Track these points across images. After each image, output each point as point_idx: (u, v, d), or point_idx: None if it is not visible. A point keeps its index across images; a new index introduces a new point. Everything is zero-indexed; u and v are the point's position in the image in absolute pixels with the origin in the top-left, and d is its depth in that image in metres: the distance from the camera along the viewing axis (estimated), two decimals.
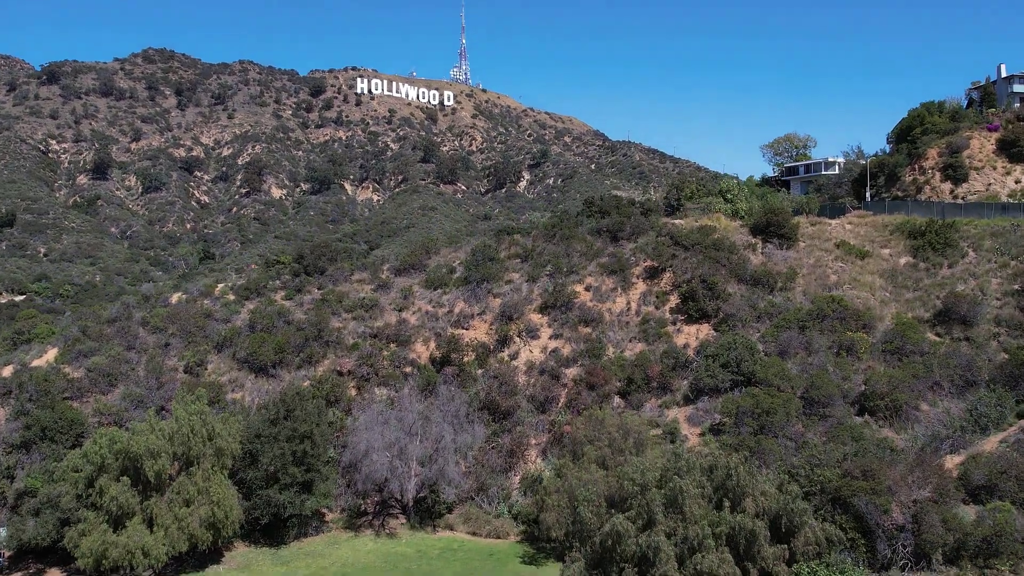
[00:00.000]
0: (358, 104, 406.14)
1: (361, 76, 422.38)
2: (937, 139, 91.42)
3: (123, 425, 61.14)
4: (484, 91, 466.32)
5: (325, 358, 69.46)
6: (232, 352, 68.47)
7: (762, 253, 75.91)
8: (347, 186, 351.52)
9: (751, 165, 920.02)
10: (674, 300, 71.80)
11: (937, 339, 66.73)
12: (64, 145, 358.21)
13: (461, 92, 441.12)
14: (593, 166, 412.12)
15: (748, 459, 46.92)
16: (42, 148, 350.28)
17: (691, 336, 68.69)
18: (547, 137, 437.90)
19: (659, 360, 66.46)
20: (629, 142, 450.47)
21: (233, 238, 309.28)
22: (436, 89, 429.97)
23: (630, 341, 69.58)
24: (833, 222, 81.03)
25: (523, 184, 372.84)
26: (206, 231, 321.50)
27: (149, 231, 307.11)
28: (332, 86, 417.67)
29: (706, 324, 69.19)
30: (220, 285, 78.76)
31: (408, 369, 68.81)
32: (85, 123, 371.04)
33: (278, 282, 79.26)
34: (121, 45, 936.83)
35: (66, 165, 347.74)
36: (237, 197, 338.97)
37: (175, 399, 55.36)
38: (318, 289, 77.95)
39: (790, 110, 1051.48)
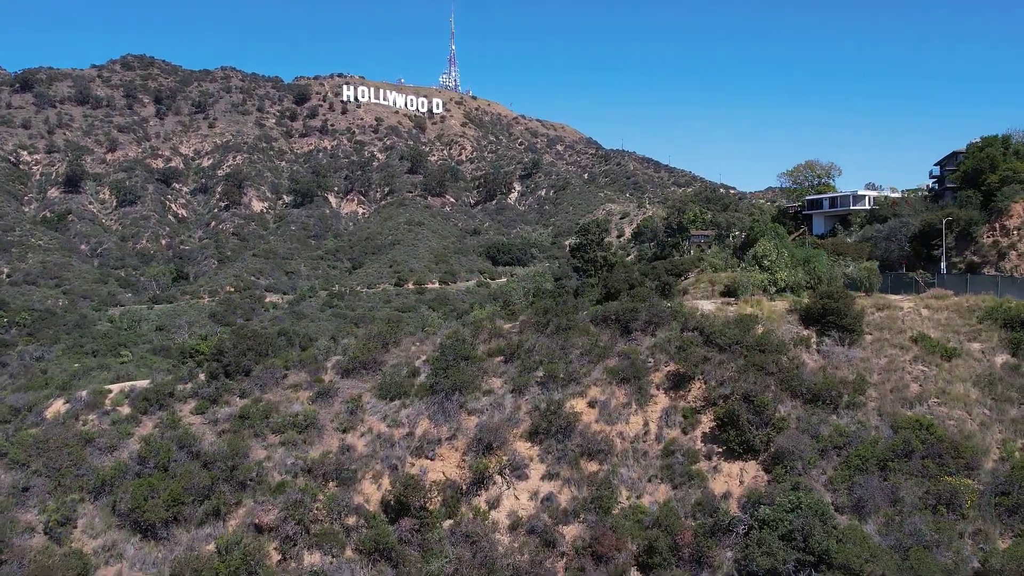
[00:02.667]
0: (344, 112, 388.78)
1: (347, 83, 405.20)
2: (1021, 190, 73.92)
3: None
4: (474, 98, 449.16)
5: (240, 506, 51.55)
6: (112, 502, 50.69)
7: (818, 351, 58.25)
8: (331, 198, 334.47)
9: (750, 170, 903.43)
10: (707, 422, 53.98)
11: None
12: (36, 156, 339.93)
13: (450, 99, 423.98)
14: (586, 175, 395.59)
15: None
16: (12, 159, 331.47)
17: (732, 478, 50.89)
18: (539, 145, 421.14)
19: (691, 514, 49.02)
20: (623, 151, 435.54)
21: (210, 255, 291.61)
22: (425, 96, 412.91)
23: (650, 481, 51.86)
24: (905, 305, 63.14)
25: (514, 196, 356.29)
26: (182, 247, 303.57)
27: (121, 248, 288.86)
28: (317, 93, 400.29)
29: (753, 461, 51.31)
30: (114, 391, 60.75)
31: (351, 520, 51.00)
32: (59, 133, 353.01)
33: (190, 385, 61.28)
34: (100, 51, 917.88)
35: (38, 177, 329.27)
36: (216, 211, 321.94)
37: None
38: (240, 397, 59.83)
39: (791, 113, 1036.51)
